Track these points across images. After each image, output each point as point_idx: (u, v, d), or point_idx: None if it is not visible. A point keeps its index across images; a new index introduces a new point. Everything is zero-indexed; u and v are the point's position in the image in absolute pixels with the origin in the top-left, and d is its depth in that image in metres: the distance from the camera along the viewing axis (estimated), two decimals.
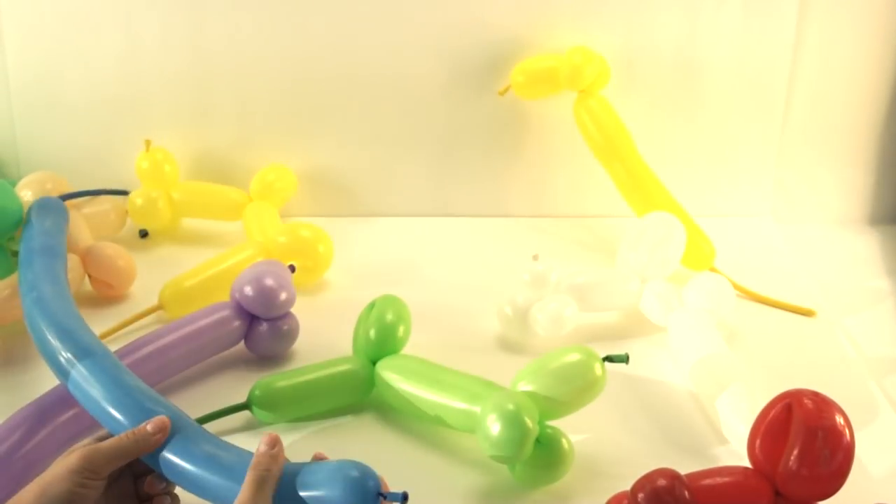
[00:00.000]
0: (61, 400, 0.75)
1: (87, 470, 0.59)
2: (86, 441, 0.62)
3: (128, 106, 1.13)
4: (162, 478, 0.63)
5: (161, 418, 0.62)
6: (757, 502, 0.62)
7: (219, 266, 0.98)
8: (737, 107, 1.11)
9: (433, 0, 1.08)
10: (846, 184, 1.15)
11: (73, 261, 0.97)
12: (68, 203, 1.01)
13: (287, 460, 0.61)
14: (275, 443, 0.60)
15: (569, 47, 1.07)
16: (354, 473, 0.58)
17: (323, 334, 0.91)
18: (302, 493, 0.58)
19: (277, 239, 1.00)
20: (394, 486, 0.73)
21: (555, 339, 0.89)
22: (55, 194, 1.03)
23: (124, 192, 1.10)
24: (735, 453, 0.75)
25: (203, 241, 1.12)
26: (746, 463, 0.65)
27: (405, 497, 0.58)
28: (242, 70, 1.12)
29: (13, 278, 0.93)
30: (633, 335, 0.92)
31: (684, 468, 0.64)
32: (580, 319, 0.91)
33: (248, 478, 0.58)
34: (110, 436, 0.63)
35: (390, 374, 0.79)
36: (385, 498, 0.58)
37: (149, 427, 0.62)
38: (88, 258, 0.98)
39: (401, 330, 0.82)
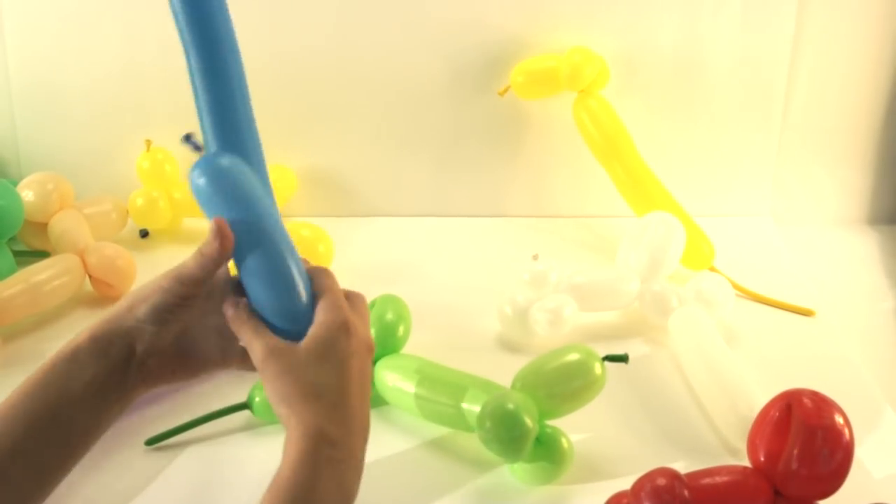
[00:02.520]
0: None
1: (175, 288, 0.59)
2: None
3: (128, 106, 1.13)
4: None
5: (218, 220, 0.59)
6: (757, 502, 0.62)
7: None
8: (736, 107, 1.12)
9: (433, 0, 1.09)
10: (845, 184, 1.15)
11: (72, 261, 0.97)
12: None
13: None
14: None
15: (569, 47, 1.07)
16: None
17: None
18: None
19: None
20: (392, 485, 0.73)
21: (555, 338, 0.89)
22: (56, 195, 1.03)
23: None
24: (735, 453, 0.75)
25: (203, 241, 1.12)
26: (746, 463, 0.65)
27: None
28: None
29: (13, 278, 0.93)
30: (633, 335, 0.92)
31: (684, 468, 0.64)
32: (580, 319, 0.91)
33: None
34: None
35: (390, 373, 0.79)
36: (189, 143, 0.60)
37: (209, 237, 0.59)
38: (88, 258, 0.98)
39: (401, 329, 0.83)
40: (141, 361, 0.60)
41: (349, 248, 1.07)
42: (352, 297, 0.62)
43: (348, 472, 0.56)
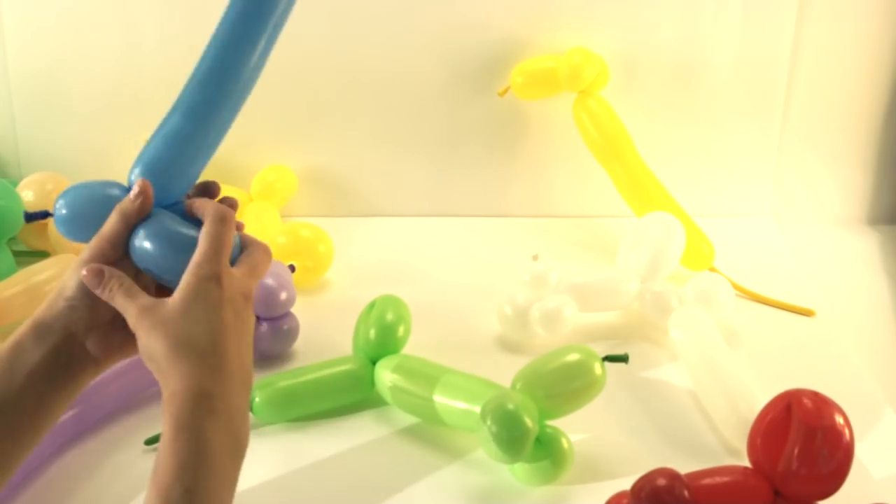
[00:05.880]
0: None
1: (93, 259, 0.60)
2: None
3: (128, 106, 1.14)
4: None
5: (142, 181, 0.62)
6: (756, 502, 0.62)
7: None
8: (736, 107, 1.12)
9: (433, 0, 1.09)
10: (845, 184, 1.15)
11: (72, 261, 0.97)
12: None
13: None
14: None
15: (568, 48, 1.07)
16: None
17: (323, 334, 0.91)
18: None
19: (277, 239, 1.00)
20: (393, 486, 0.73)
21: (555, 338, 0.89)
22: (56, 195, 1.02)
23: None
24: (735, 453, 0.75)
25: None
26: (746, 463, 0.65)
27: None
28: None
29: (13, 278, 0.93)
30: (633, 335, 0.93)
31: (684, 468, 0.64)
32: (580, 319, 0.91)
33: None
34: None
35: (390, 373, 0.79)
36: None
37: (131, 195, 0.61)
38: None
39: (401, 330, 0.83)
40: (81, 342, 0.60)
41: (349, 248, 1.07)
42: (249, 247, 0.62)
43: (234, 419, 0.55)
